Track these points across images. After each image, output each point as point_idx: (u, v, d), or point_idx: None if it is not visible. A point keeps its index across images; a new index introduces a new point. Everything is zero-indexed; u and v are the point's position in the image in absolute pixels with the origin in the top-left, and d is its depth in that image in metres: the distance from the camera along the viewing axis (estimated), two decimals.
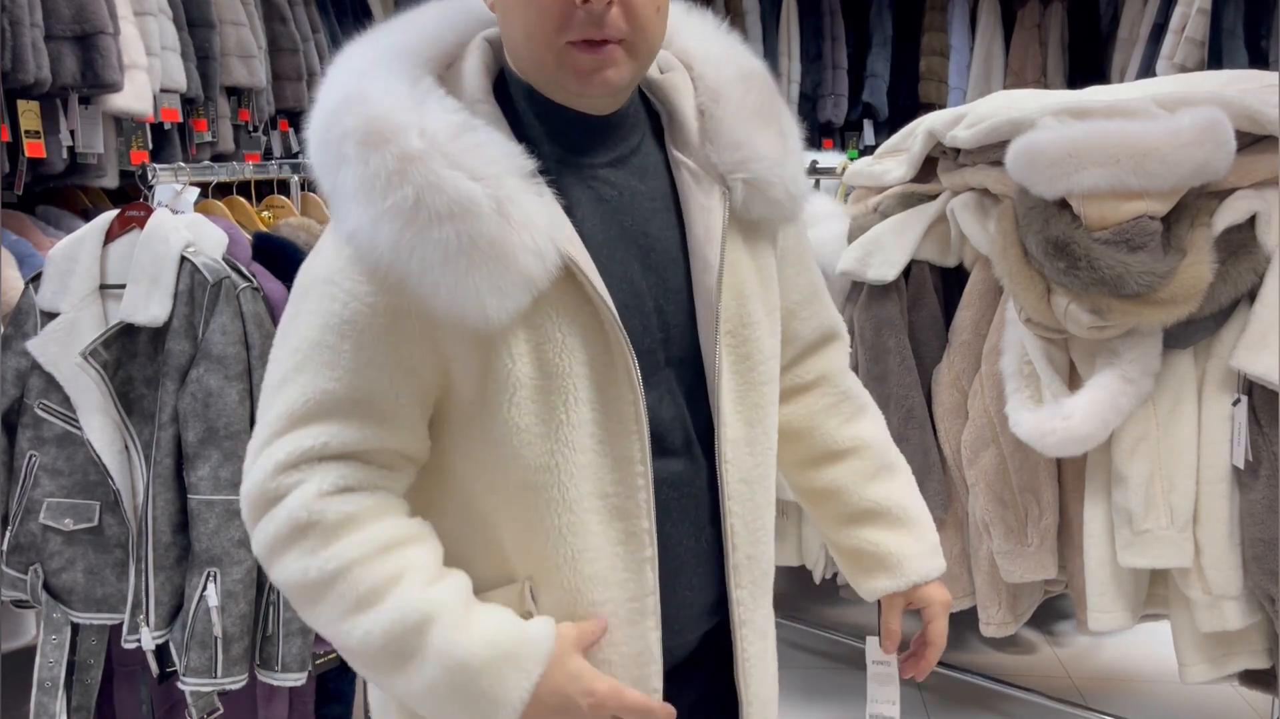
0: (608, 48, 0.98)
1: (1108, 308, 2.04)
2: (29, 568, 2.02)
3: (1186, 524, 2.12)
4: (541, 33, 0.97)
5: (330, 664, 2.17)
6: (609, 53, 0.98)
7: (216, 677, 1.93)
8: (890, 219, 2.52)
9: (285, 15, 4.33)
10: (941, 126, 2.43)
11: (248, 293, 1.97)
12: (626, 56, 0.99)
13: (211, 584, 1.92)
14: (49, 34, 2.66)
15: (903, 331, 2.49)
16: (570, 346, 1.01)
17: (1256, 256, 2.04)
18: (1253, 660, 2.20)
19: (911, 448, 2.48)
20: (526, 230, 0.95)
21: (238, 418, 1.92)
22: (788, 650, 3.29)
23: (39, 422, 2.00)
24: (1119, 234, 2.02)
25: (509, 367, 0.99)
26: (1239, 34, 4.01)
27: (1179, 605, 2.22)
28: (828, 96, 5.70)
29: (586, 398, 1.02)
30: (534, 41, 0.98)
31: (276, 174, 2.56)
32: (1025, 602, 2.53)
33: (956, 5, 5.64)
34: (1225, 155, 1.99)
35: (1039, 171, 2.07)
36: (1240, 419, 2.07)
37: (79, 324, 1.97)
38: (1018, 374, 2.26)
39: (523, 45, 1.00)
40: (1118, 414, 2.10)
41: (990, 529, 2.37)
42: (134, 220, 2.03)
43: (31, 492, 2.00)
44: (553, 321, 1.00)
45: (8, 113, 2.62)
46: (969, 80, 5.62)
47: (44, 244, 2.54)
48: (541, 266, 0.96)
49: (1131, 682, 3.08)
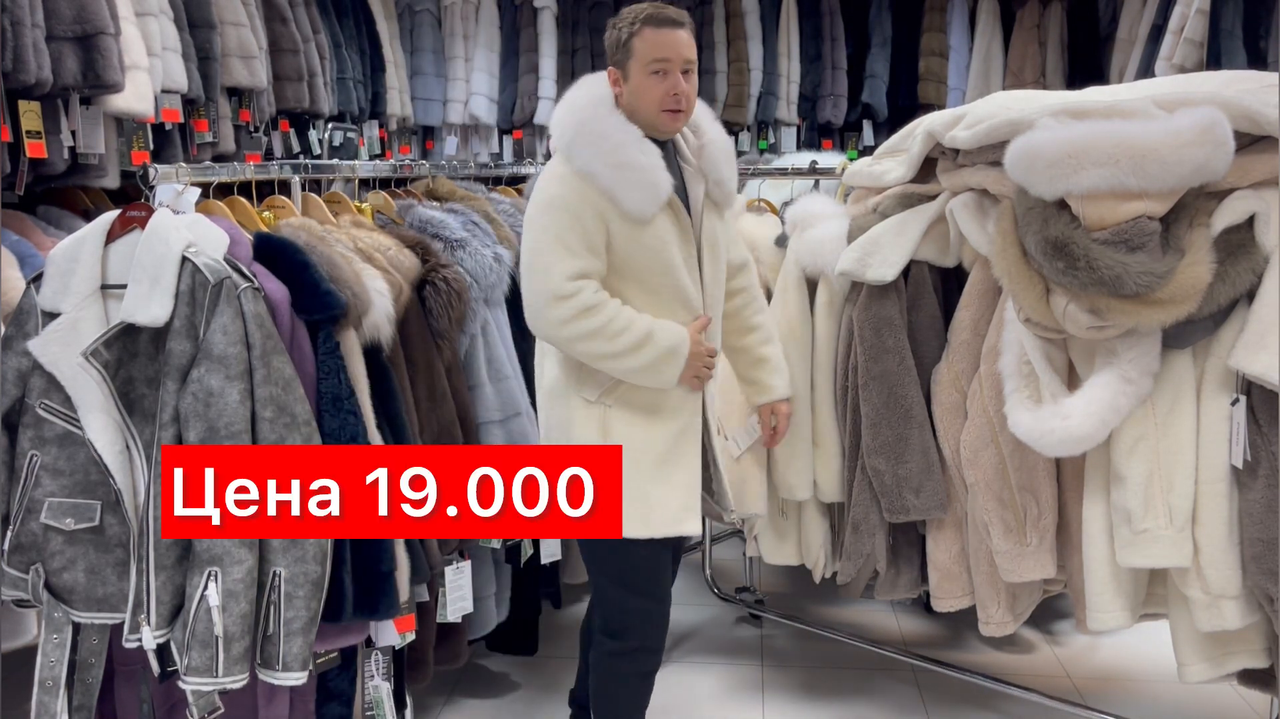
0: (678, 114, 2.15)
1: (1106, 308, 2.05)
2: (30, 567, 2.02)
3: (1185, 524, 2.12)
4: (654, 103, 2.14)
5: (330, 664, 2.18)
6: (679, 116, 2.16)
7: (217, 676, 1.93)
8: (889, 219, 2.53)
9: (286, 16, 4.34)
10: (941, 127, 2.44)
11: (249, 293, 1.97)
12: (684, 116, 2.18)
13: (212, 584, 1.92)
14: (50, 34, 2.66)
15: (902, 331, 2.50)
16: (670, 235, 2.16)
17: (1255, 257, 2.04)
18: (1251, 660, 2.21)
19: (911, 448, 2.48)
20: (662, 179, 2.11)
21: (238, 418, 1.92)
22: (788, 650, 3.30)
23: (40, 421, 2.01)
24: (1118, 234, 2.02)
25: (646, 239, 2.13)
26: (1238, 35, 4.01)
27: (1178, 605, 2.23)
28: (827, 97, 5.70)
29: (679, 258, 2.17)
30: (648, 106, 2.14)
31: (277, 174, 2.56)
32: (1024, 601, 2.54)
33: (956, 6, 5.64)
34: (1224, 156, 1.99)
35: (1038, 172, 2.07)
36: (1239, 419, 2.07)
37: (80, 324, 1.97)
38: (1017, 374, 2.26)
39: (645, 106, 2.15)
40: (1116, 414, 2.11)
41: (989, 529, 2.38)
42: (135, 220, 2.03)
43: (33, 491, 2.01)
44: (664, 224, 2.15)
45: (9, 113, 2.62)
46: (968, 81, 5.63)
47: (45, 244, 2.54)
48: (666, 194, 2.12)
49: (1130, 681, 3.08)
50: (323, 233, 2.30)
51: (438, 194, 3.04)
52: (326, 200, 2.65)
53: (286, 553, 1.97)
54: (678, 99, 2.11)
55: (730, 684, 3.09)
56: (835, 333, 2.65)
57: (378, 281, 2.25)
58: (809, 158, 3.37)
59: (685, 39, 2.14)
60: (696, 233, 2.21)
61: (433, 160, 5.06)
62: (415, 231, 2.64)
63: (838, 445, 2.68)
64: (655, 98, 2.12)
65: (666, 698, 3.00)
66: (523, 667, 3.10)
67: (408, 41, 5.71)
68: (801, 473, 2.70)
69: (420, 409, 2.41)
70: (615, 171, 2.08)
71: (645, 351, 2.11)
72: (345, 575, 2.05)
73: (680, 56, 2.12)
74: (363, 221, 2.59)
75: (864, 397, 2.53)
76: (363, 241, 2.39)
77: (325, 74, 4.63)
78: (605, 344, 2.09)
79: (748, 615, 3.52)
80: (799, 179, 3.16)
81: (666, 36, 2.11)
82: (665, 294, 2.17)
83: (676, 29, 2.13)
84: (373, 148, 5.23)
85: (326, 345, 2.09)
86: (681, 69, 2.12)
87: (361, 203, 2.73)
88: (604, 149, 2.09)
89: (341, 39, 4.93)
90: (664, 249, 2.15)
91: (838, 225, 2.62)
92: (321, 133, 4.69)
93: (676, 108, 2.12)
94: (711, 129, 2.30)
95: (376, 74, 5.28)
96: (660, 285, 2.17)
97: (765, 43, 5.73)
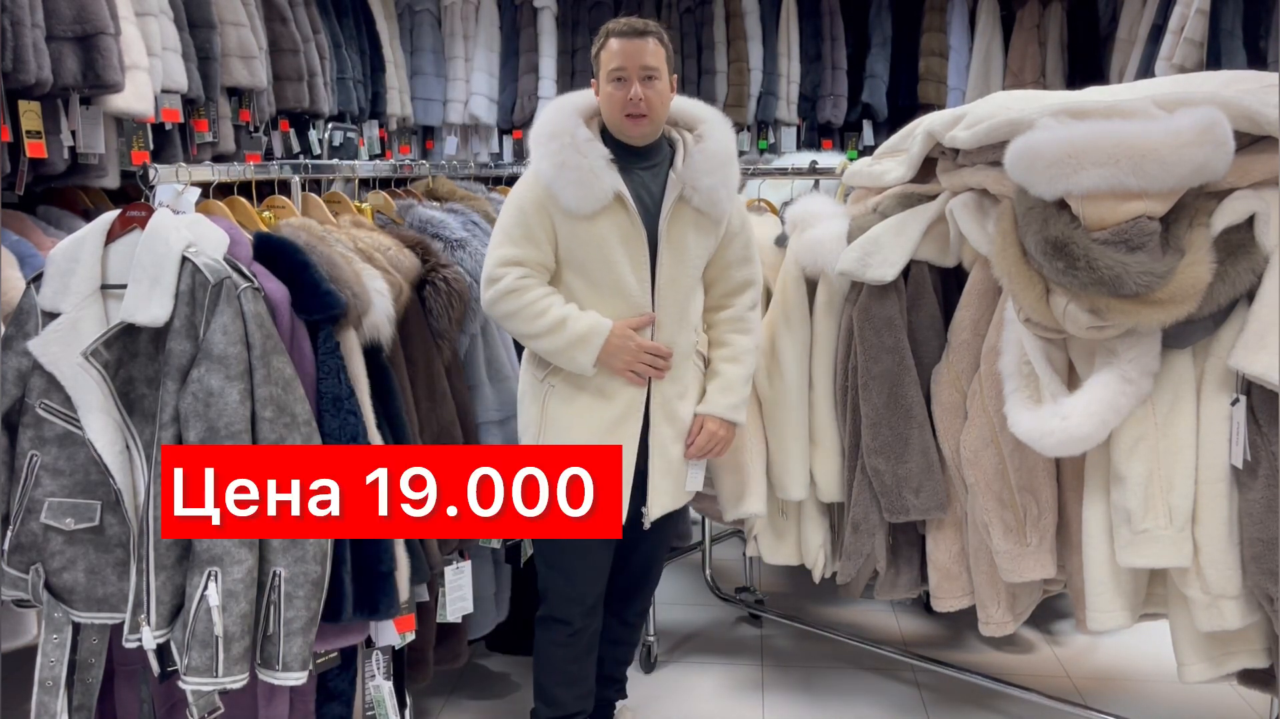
0: (640, 118, 2.27)
1: (1106, 308, 2.05)
2: (30, 567, 2.02)
3: (1185, 524, 2.12)
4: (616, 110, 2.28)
5: (330, 664, 2.18)
6: (640, 120, 2.28)
7: (217, 676, 1.93)
8: (889, 219, 2.53)
9: (286, 16, 4.34)
10: (940, 127, 2.44)
11: (249, 293, 1.97)
12: (648, 121, 2.28)
13: (212, 583, 1.92)
14: (50, 34, 2.66)
15: (902, 331, 2.50)
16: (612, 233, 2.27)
17: (1255, 257, 2.04)
18: (1251, 659, 2.21)
19: (911, 448, 2.48)
20: (602, 179, 2.24)
21: (239, 418, 1.92)
22: (788, 650, 3.30)
23: (40, 421, 2.01)
24: (1118, 234, 2.02)
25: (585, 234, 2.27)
26: (1238, 34, 4.01)
27: (1178, 605, 2.23)
28: (827, 97, 5.70)
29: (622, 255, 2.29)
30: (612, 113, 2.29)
31: (277, 174, 2.56)
32: (1024, 601, 2.54)
33: (956, 6, 5.64)
34: (1224, 156, 1.99)
35: (1038, 172, 2.07)
36: (1239, 419, 2.07)
37: (80, 324, 1.97)
38: (1017, 374, 2.26)
39: (610, 113, 2.30)
40: (1116, 414, 2.11)
41: (989, 529, 2.38)
42: (135, 220, 2.03)
43: (33, 491, 2.01)
44: (606, 221, 2.27)
45: (9, 113, 2.62)
46: (968, 81, 5.63)
47: (45, 244, 2.54)
48: (606, 194, 2.24)
49: (1130, 681, 3.08)
50: (323, 233, 2.30)
51: (438, 194, 3.04)
52: (326, 200, 2.65)
53: (286, 553, 1.97)
54: (635, 104, 2.24)
55: (730, 684, 3.09)
56: (835, 333, 2.65)
57: (378, 281, 2.25)
58: (809, 158, 3.36)
59: (646, 47, 2.25)
60: (656, 236, 2.30)
61: (433, 160, 5.06)
62: (415, 231, 2.64)
63: (837, 445, 2.68)
64: (616, 104, 2.26)
65: (667, 698, 3.00)
66: (523, 667, 3.10)
67: (408, 41, 5.71)
68: (796, 473, 2.70)
69: (420, 409, 2.42)
70: (557, 170, 2.24)
71: (558, 335, 2.27)
72: (345, 575, 2.05)
73: (637, 64, 2.24)
74: (363, 221, 2.59)
75: (864, 396, 2.53)
76: (363, 241, 2.39)
77: (325, 74, 4.64)
78: (523, 325, 2.29)
79: (748, 615, 3.53)
80: (799, 179, 3.16)
81: (625, 46, 2.25)
82: (605, 288, 2.30)
83: (636, 38, 2.26)
84: (373, 148, 5.23)
85: (326, 345, 2.09)
86: (641, 76, 2.24)
87: (361, 203, 2.74)
88: (551, 149, 2.25)
89: (341, 39, 4.93)
90: (604, 245, 2.27)
91: (838, 225, 2.62)
92: (321, 133, 4.69)
93: (635, 112, 2.25)
94: (713, 136, 2.36)
95: (376, 74, 5.28)
96: (601, 279, 2.30)
97: (765, 43, 5.73)
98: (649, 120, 2.27)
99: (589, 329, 2.27)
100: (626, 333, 2.28)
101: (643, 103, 2.24)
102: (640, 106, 2.24)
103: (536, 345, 2.32)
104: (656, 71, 2.25)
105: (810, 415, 2.71)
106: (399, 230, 2.62)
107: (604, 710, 2.70)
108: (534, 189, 2.29)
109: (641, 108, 2.24)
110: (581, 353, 2.27)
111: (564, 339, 2.27)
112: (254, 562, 1.94)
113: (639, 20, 2.31)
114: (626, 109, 2.25)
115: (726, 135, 2.37)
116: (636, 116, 2.26)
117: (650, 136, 2.32)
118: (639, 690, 2.97)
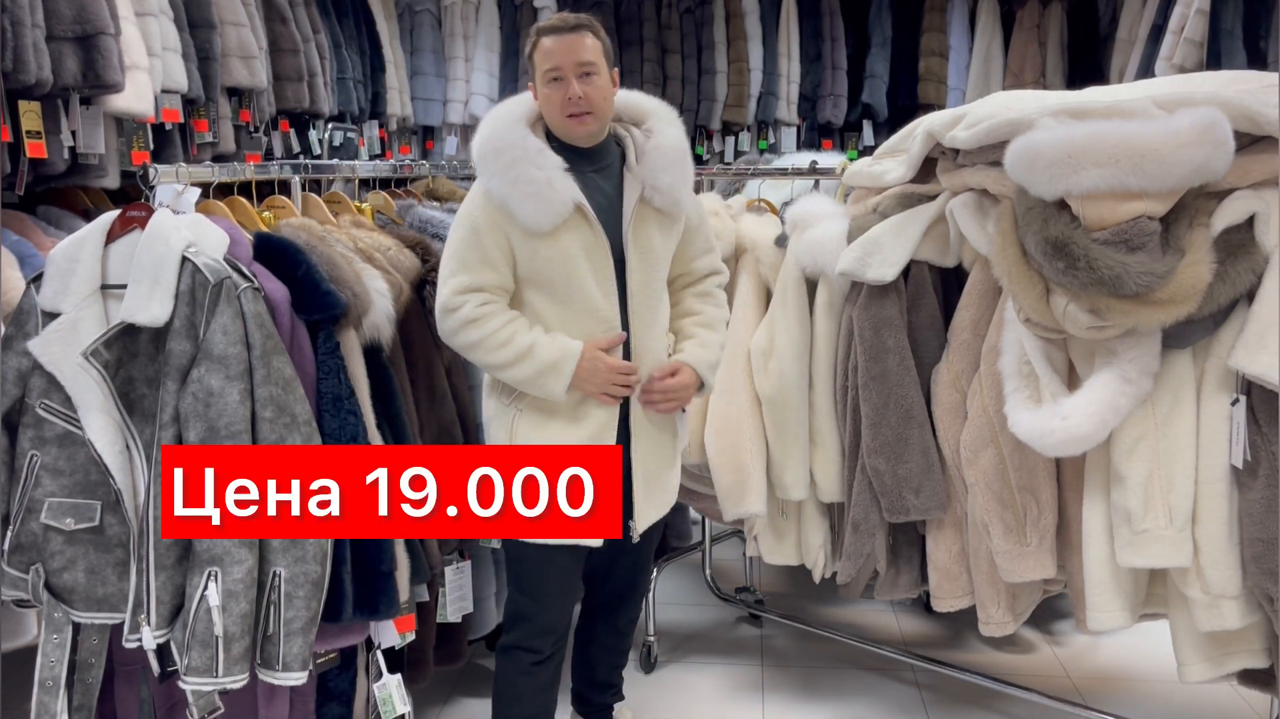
0: (584, 116, 2.15)
1: (1106, 308, 2.05)
2: (30, 567, 2.02)
3: (1185, 524, 2.12)
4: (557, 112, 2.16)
5: (330, 664, 2.18)
6: (583, 119, 2.16)
7: (217, 676, 1.93)
8: (889, 219, 2.53)
9: (286, 16, 4.34)
10: (940, 127, 2.44)
11: (249, 293, 1.97)
12: (593, 119, 2.17)
13: (212, 583, 1.92)
14: (50, 35, 2.66)
15: (902, 331, 2.50)
16: (574, 246, 2.15)
17: (1255, 257, 2.04)
18: (1251, 660, 2.21)
19: (911, 448, 2.48)
20: (560, 190, 2.12)
21: (239, 418, 1.92)
22: (788, 650, 3.30)
23: (40, 421, 2.01)
24: (1118, 234, 2.02)
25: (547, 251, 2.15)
26: (1238, 35, 4.01)
27: (1178, 605, 2.23)
28: (827, 97, 5.70)
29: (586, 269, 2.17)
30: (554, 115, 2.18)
31: (277, 174, 2.56)
32: (1024, 601, 2.53)
33: (956, 6, 5.64)
34: (1224, 156, 1.99)
35: (1038, 172, 2.07)
36: (1239, 419, 2.07)
37: (80, 324, 1.97)
38: (1017, 374, 2.26)
39: (551, 115, 2.18)
40: (1116, 414, 2.11)
41: (989, 529, 2.38)
42: (135, 220, 2.03)
43: (33, 491, 2.01)
44: (568, 235, 2.15)
45: (9, 113, 2.62)
46: (968, 81, 5.62)
47: (45, 244, 2.54)
48: (566, 207, 2.12)
49: (1130, 681, 3.08)
50: (323, 233, 2.30)
51: (438, 194, 3.05)
52: (326, 200, 2.65)
53: (286, 553, 1.97)
54: (576, 103, 2.11)
55: (730, 684, 3.09)
56: (835, 333, 2.65)
57: (378, 282, 2.25)
58: (809, 158, 3.37)
59: (581, 42, 2.13)
60: (621, 242, 2.19)
61: (433, 160, 5.06)
62: (415, 231, 2.65)
63: (837, 445, 2.68)
64: (556, 105, 2.13)
65: (666, 698, 3.00)
66: None
67: (408, 41, 5.71)
68: (797, 473, 2.70)
69: (420, 409, 2.42)
70: (510, 186, 2.10)
71: (525, 365, 2.14)
72: (345, 575, 2.05)
73: (572, 61, 2.12)
74: (363, 221, 2.59)
75: (864, 396, 2.53)
76: (363, 241, 2.39)
77: (325, 74, 4.64)
78: (488, 355, 2.15)
79: (748, 615, 3.53)
80: (799, 179, 3.16)
81: (558, 43, 2.13)
82: (574, 305, 2.18)
83: (569, 34, 2.13)
84: (373, 148, 5.23)
85: (326, 345, 2.09)
86: (578, 73, 2.12)
87: (361, 203, 2.74)
88: (501, 164, 2.11)
89: (341, 39, 4.93)
90: (568, 261, 2.14)
91: (838, 225, 2.62)
92: (321, 133, 4.69)
93: (577, 111, 2.12)
94: (665, 131, 2.25)
95: (376, 74, 5.28)
96: (565, 295, 2.17)
97: (765, 43, 5.73)
98: (594, 118, 2.15)
99: (560, 355, 2.14)
100: (597, 355, 2.16)
101: (583, 100, 2.11)
102: (581, 105, 2.12)
103: (504, 375, 2.18)
104: (594, 67, 2.13)
105: (810, 415, 2.71)
106: (399, 230, 2.62)
107: (603, 714, 2.70)
108: (485, 209, 2.14)
109: (583, 106, 2.12)
110: (553, 380, 2.14)
111: (533, 367, 2.13)
112: (254, 562, 1.94)
113: (570, 15, 2.19)
114: (567, 109, 2.12)
115: (677, 128, 2.27)
116: (579, 115, 2.13)
117: (597, 136, 2.20)
118: (639, 691, 2.97)
